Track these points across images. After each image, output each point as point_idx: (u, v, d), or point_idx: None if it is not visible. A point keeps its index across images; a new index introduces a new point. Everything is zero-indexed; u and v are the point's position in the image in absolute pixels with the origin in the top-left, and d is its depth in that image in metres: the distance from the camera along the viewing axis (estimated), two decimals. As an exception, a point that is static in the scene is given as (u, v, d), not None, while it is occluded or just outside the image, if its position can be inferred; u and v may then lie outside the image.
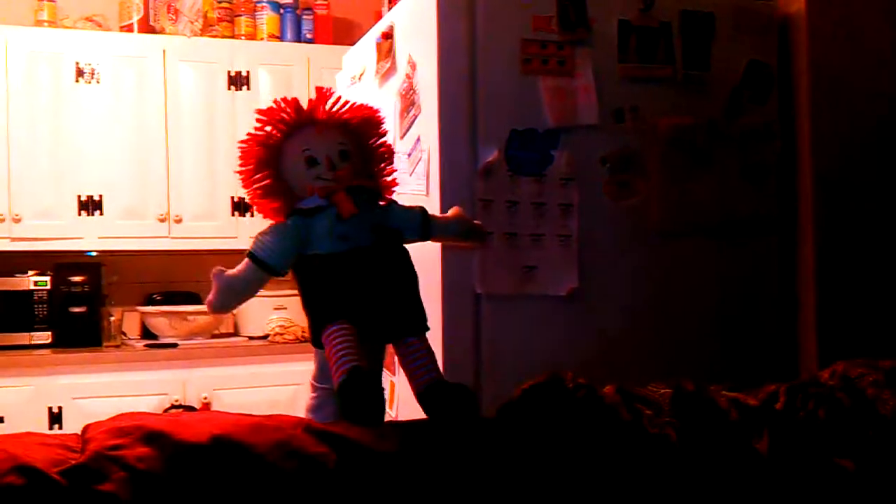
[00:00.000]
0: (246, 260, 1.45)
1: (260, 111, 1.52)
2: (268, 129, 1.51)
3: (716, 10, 2.35)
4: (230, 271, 1.45)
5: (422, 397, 1.41)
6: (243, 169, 1.52)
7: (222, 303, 1.46)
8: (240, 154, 1.52)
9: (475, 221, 1.76)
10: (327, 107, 1.53)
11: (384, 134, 1.62)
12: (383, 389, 1.40)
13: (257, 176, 1.51)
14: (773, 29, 2.42)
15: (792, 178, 2.43)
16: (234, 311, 4.18)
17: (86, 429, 1.16)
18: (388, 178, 1.63)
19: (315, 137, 1.50)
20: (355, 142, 1.55)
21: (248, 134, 1.52)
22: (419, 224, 1.60)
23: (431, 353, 1.46)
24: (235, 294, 1.46)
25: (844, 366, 1.49)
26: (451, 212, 1.72)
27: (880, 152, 2.44)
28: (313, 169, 1.48)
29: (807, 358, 2.37)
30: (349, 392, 1.31)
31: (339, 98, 1.56)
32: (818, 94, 2.40)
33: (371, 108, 1.61)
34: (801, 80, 2.41)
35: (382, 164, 1.60)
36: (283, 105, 1.51)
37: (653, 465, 1.19)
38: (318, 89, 1.56)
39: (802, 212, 2.41)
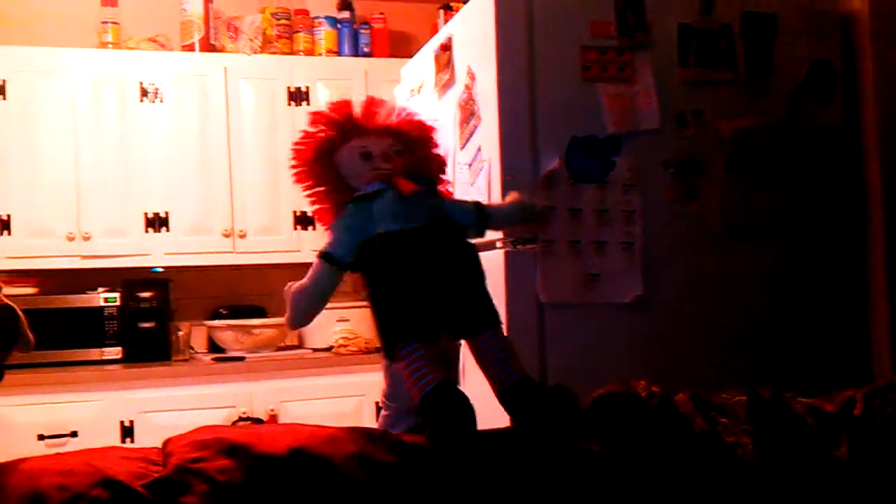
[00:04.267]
0: (314, 262, 1.44)
1: (315, 114, 1.52)
2: (320, 134, 1.52)
3: (777, 10, 2.33)
4: (299, 283, 1.44)
5: (506, 398, 1.34)
6: (297, 166, 1.52)
7: (300, 315, 1.43)
8: (293, 154, 1.52)
9: (537, 202, 1.71)
10: (381, 118, 1.54)
11: (436, 144, 1.62)
12: (467, 398, 1.31)
13: (314, 171, 1.51)
14: (836, 28, 2.39)
15: (859, 179, 2.38)
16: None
17: (166, 442, 1.19)
18: (441, 188, 1.61)
19: (370, 139, 1.51)
20: (409, 149, 1.56)
21: (303, 131, 1.52)
22: (475, 217, 1.57)
23: (513, 349, 1.38)
24: (310, 301, 1.43)
25: (923, 369, 1.46)
26: (508, 198, 1.69)
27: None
28: (369, 162, 1.49)
29: (880, 363, 2.32)
30: (434, 411, 1.26)
31: (392, 107, 1.57)
32: (884, 93, 2.35)
33: (422, 118, 1.61)
34: (866, 79, 2.37)
35: (435, 172, 1.59)
36: (337, 110, 1.52)
37: (730, 474, 1.18)
38: (370, 99, 1.56)
39: (872, 213, 2.36)
